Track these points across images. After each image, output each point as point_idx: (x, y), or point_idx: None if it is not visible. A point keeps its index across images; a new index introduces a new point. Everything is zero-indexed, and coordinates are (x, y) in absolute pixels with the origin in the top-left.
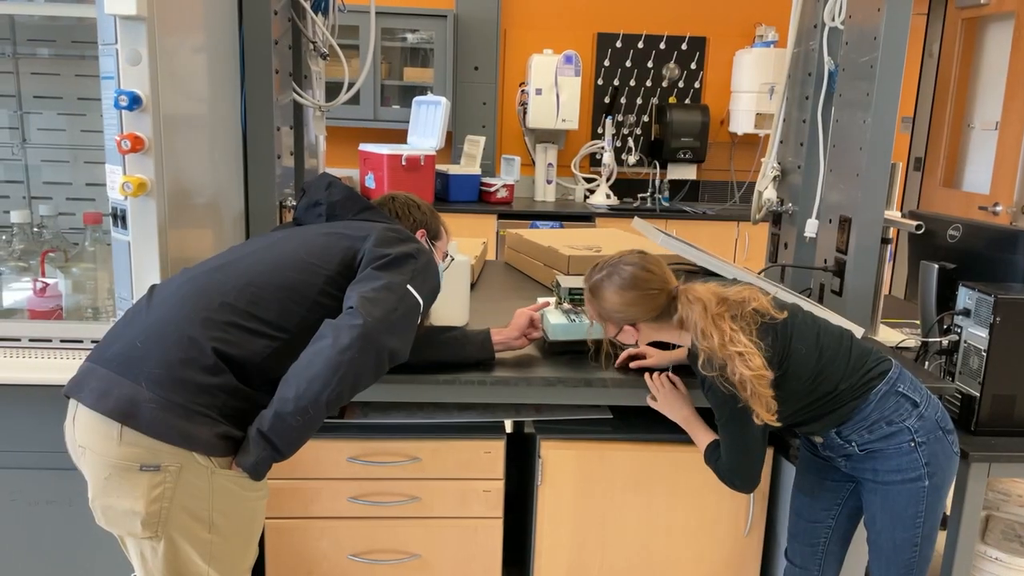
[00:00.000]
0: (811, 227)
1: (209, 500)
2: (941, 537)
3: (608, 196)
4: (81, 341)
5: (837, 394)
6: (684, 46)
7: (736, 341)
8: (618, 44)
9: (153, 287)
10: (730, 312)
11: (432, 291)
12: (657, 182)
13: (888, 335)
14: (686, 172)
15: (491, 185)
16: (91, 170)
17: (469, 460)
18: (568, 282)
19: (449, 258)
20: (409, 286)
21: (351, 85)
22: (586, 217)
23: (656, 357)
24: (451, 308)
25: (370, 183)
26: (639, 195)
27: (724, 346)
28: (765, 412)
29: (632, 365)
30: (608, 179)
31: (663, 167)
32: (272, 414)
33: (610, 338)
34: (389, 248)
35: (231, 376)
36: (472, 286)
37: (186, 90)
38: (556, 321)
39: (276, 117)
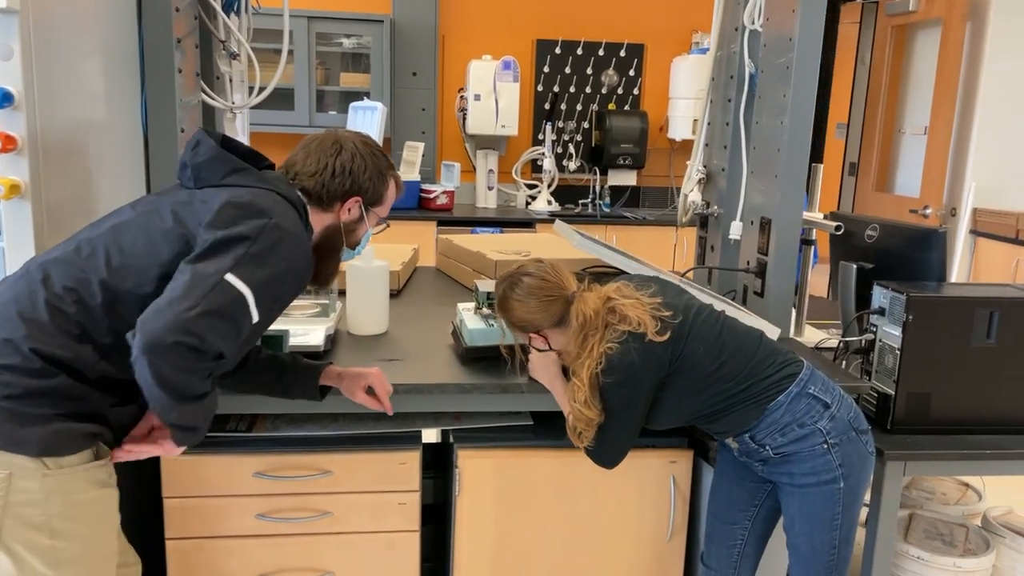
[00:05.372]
0: (735, 229)
1: (44, 505)
2: (861, 536)
3: (550, 202)
4: None
5: (741, 392)
6: (623, 53)
7: (589, 357)
8: (557, 50)
9: None
10: (601, 330)
11: (278, 276)
12: (598, 188)
13: (813, 335)
14: (626, 178)
15: (431, 192)
16: None
17: (383, 472)
18: (486, 286)
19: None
20: (230, 275)
21: (265, 88)
22: (527, 224)
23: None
24: (369, 315)
25: None
26: (580, 201)
27: (579, 356)
28: (573, 438)
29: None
30: (549, 185)
31: (603, 173)
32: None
33: (524, 345)
34: (217, 231)
35: (64, 377)
36: (398, 292)
37: (73, 88)
38: (473, 326)
39: (180, 119)
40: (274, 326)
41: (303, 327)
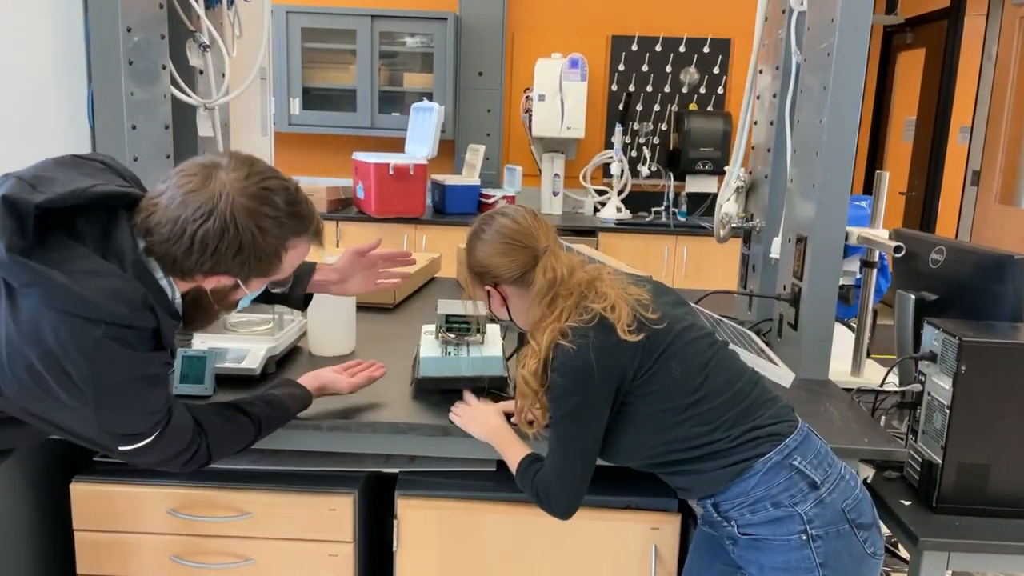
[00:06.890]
0: (776, 247)
1: None
2: None
3: (619, 210)
4: None
5: (712, 442)
6: (706, 49)
7: (557, 320)
8: (633, 47)
9: None
10: (574, 298)
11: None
12: (672, 195)
13: (876, 375)
14: (706, 184)
15: (490, 196)
16: None
17: (310, 518)
18: (446, 308)
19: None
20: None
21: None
22: (589, 232)
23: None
24: (330, 335)
25: (360, 193)
26: (653, 209)
27: (542, 319)
28: (520, 420)
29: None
30: (621, 192)
31: (680, 178)
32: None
33: (486, 311)
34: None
35: None
36: (395, 307)
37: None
38: (427, 354)
39: (131, 114)
40: (210, 344)
41: (244, 346)
